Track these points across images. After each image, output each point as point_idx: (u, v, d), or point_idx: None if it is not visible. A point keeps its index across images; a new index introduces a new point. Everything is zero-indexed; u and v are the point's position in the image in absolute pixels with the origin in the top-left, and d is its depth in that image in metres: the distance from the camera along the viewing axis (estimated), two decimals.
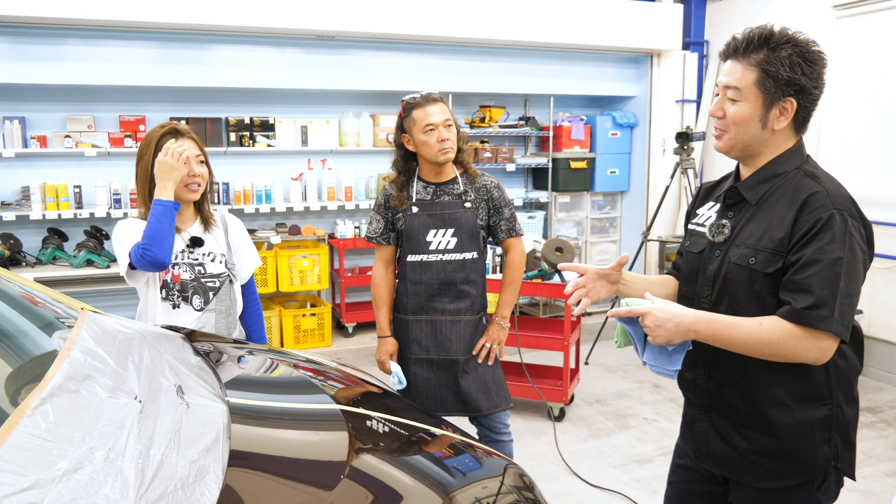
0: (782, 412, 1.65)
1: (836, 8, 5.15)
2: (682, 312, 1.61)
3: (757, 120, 1.63)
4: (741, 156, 1.72)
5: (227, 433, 1.46)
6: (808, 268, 1.53)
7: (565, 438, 4.06)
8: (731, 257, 1.68)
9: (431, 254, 2.76)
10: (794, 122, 1.65)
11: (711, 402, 1.79)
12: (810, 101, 1.62)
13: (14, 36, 4.77)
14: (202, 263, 2.44)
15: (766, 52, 1.60)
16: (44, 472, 1.10)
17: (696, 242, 1.82)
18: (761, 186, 1.68)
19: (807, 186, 1.61)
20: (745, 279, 1.65)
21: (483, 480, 1.74)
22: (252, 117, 5.59)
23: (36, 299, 2.03)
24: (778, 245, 1.59)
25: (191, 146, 2.37)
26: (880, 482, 3.56)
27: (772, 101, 1.61)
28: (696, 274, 1.79)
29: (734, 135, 1.67)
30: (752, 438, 1.71)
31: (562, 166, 6.45)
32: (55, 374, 1.39)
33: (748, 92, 1.62)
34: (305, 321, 5.66)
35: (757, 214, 1.67)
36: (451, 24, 5.49)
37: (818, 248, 1.53)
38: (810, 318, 1.51)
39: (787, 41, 1.59)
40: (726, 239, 1.71)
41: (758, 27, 1.64)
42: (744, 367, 1.68)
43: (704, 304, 1.75)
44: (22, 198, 5.17)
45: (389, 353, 2.86)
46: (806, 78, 1.58)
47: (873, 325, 5.02)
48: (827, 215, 1.55)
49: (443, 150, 2.67)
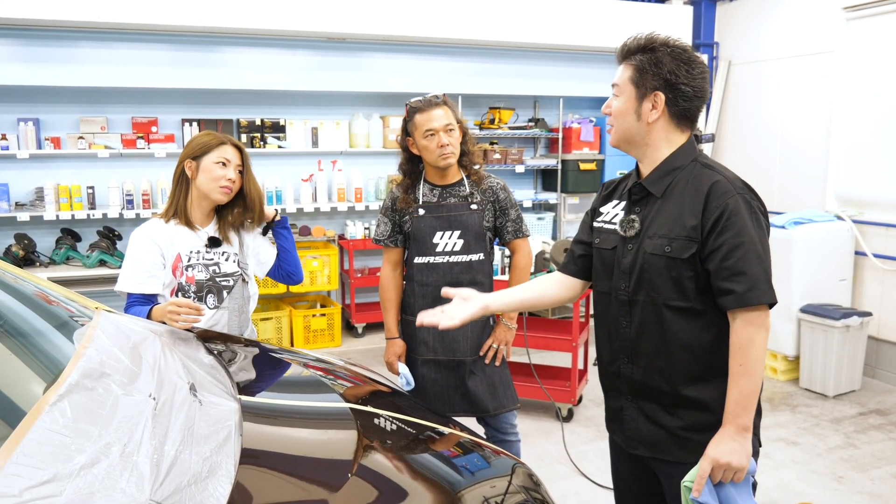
0: (706, 387, 1.76)
1: (847, 10, 5.13)
2: (720, 436, 1.70)
3: (632, 112, 1.79)
4: (628, 149, 1.86)
5: (239, 430, 1.49)
6: (734, 252, 1.66)
7: (573, 439, 4.07)
8: (647, 248, 1.78)
9: (438, 256, 2.78)
10: (674, 116, 1.78)
11: (638, 389, 1.86)
12: (682, 97, 1.75)
13: (29, 39, 4.83)
14: (217, 263, 2.48)
15: (642, 53, 1.77)
16: (62, 466, 1.13)
17: (606, 239, 1.91)
18: (663, 180, 1.80)
19: (707, 176, 1.75)
20: (662, 266, 1.75)
21: (491, 479, 1.76)
22: (263, 119, 5.63)
23: (51, 298, 2.06)
24: (691, 232, 1.72)
25: (234, 155, 2.46)
26: (889, 484, 3.55)
27: (643, 94, 1.76)
28: (611, 269, 1.88)
29: (616, 128, 1.84)
30: (682, 416, 1.80)
31: (571, 168, 6.45)
32: (72, 371, 1.42)
33: (624, 87, 1.80)
34: (315, 321, 5.69)
35: (664, 207, 1.79)
36: (460, 26, 5.51)
37: (736, 232, 1.67)
38: (754, 298, 1.65)
39: (661, 44, 1.76)
40: (637, 233, 1.81)
41: (643, 34, 1.80)
42: (667, 351, 1.78)
43: (623, 295, 1.84)
44: (36, 198, 5.23)
45: (397, 355, 2.88)
46: (673, 75, 1.72)
47: (882, 328, 5.00)
48: (733, 201, 1.69)
49: (443, 155, 2.68)
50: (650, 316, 1.79)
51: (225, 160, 2.42)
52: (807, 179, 5.54)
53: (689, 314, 1.74)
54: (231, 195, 2.47)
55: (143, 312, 2.28)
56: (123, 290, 2.39)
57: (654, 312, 1.78)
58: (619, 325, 1.86)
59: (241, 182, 2.48)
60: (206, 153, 2.42)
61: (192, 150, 2.43)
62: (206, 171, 2.41)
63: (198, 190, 2.44)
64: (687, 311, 1.74)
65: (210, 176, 2.41)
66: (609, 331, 1.91)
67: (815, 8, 5.40)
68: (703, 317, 1.74)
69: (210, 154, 2.41)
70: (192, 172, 2.43)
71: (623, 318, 1.85)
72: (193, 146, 2.44)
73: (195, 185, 2.44)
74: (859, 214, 5.12)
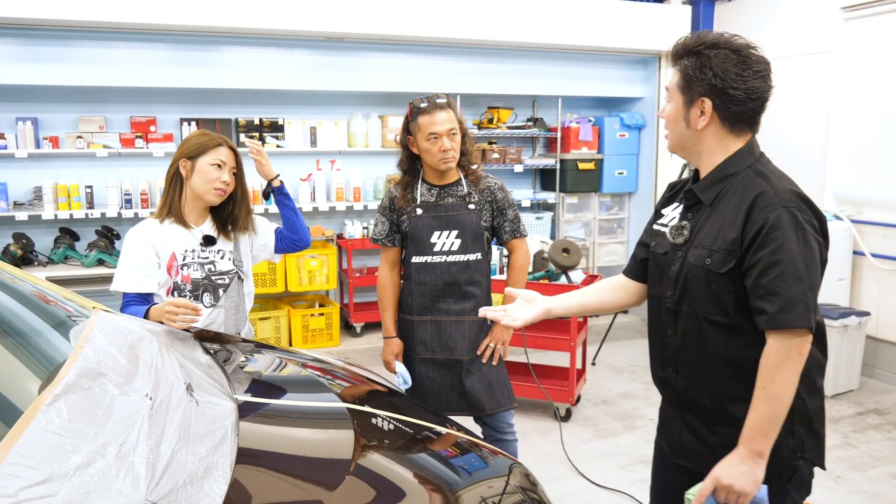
0: (746, 407, 1.66)
1: (845, 9, 5.13)
2: (731, 457, 1.63)
3: (681, 119, 1.73)
4: (684, 155, 1.80)
5: (236, 430, 1.49)
6: (770, 270, 1.57)
7: (571, 439, 4.07)
8: (690, 258, 1.72)
9: (436, 255, 2.78)
10: (727, 121, 1.69)
11: (681, 400, 1.83)
12: (733, 102, 1.66)
13: (27, 38, 4.83)
14: (213, 261, 2.48)
15: (689, 56, 1.69)
16: (58, 466, 1.13)
17: (660, 244, 1.86)
18: (714, 187, 1.73)
19: (755, 185, 1.65)
20: (702, 279, 1.69)
21: (488, 480, 1.76)
22: (261, 118, 5.63)
23: (48, 298, 2.06)
24: (730, 246, 1.64)
25: (230, 157, 2.46)
26: (887, 484, 3.55)
27: (690, 101, 1.70)
28: (662, 274, 1.83)
29: (670, 134, 1.78)
30: (721, 433, 1.75)
31: (569, 167, 6.45)
32: (68, 371, 1.42)
33: (673, 93, 1.74)
34: (314, 321, 5.69)
35: (712, 215, 1.72)
36: (459, 25, 5.50)
37: (774, 249, 1.58)
38: (785, 320, 1.56)
39: (710, 46, 1.67)
40: (686, 240, 1.76)
41: (694, 34, 1.73)
42: (707, 365, 1.72)
43: (669, 303, 1.80)
44: (34, 198, 5.22)
45: (395, 354, 2.88)
46: (720, 79, 1.64)
47: (881, 328, 5.01)
48: (775, 215, 1.59)
49: (444, 159, 2.69)
50: (692, 328, 1.73)
51: (220, 162, 2.42)
52: (805, 179, 5.48)
53: (730, 330, 1.68)
54: (224, 198, 2.47)
55: (139, 312, 2.28)
56: (119, 289, 2.39)
57: (695, 325, 1.72)
58: (666, 334, 1.82)
59: (235, 184, 2.49)
60: (201, 154, 2.42)
61: (188, 150, 2.43)
62: (201, 173, 2.41)
63: (192, 190, 2.44)
64: (728, 326, 1.67)
65: (205, 178, 2.41)
66: (658, 337, 1.87)
67: (814, 8, 5.40)
68: (745, 334, 1.66)
69: (206, 155, 2.41)
70: (187, 172, 2.43)
71: (669, 326, 1.80)
72: (189, 146, 2.44)
73: (189, 184, 2.44)
74: (857, 214, 5.12)
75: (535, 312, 1.93)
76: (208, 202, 2.46)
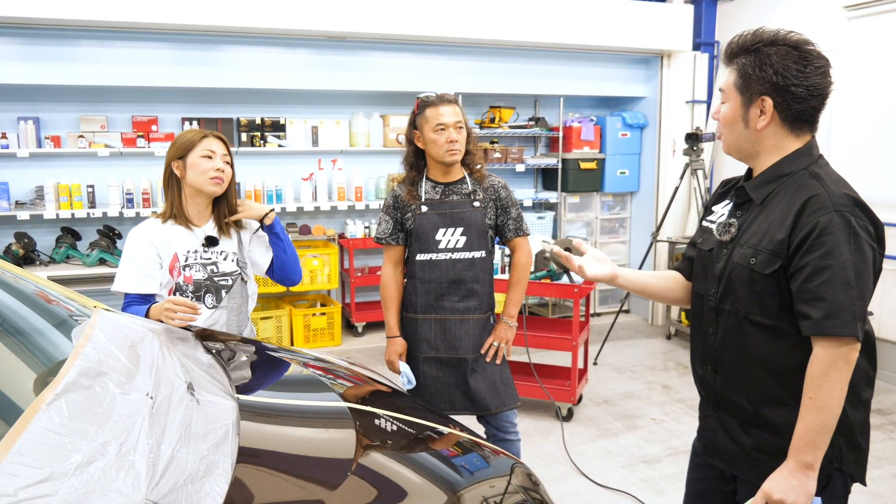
0: (783, 411, 1.65)
1: (848, 8, 5.12)
2: (780, 470, 1.61)
3: (739, 119, 1.67)
4: (740, 157, 1.75)
5: (237, 429, 1.48)
6: (818, 275, 1.53)
7: (573, 438, 4.06)
8: (735, 257, 1.69)
9: (441, 252, 2.78)
10: (787, 120, 1.64)
11: (719, 399, 1.80)
12: (795, 100, 1.61)
13: (28, 37, 4.83)
14: (215, 262, 2.48)
15: (746, 54, 1.64)
16: (58, 465, 1.12)
17: (707, 240, 1.83)
18: (766, 186, 1.69)
19: (809, 187, 1.61)
20: (746, 279, 1.66)
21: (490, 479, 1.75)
22: (263, 118, 5.63)
23: (50, 297, 2.06)
24: (777, 247, 1.60)
25: (219, 146, 2.46)
26: (889, 484, 3.55)
27: (749, 100, 1.64)
28: (707, 271, 1.81)
29: (726, 136, 1.73)
30: (756, 436, 1.72)
31: (571, 167, 6.45)
32: (69, 370, 1.41)
33: (729, 93, 1.68)
34: (315, 320, 5.69)
35: (761, 215, 1.68)
36: (460, 24, 5.50)
37: (824, 254, 1.53)
38: (829, 327, 1.52)
39: (768, 42, 1.62)
40: (732, 238, 1.72)
41: (749, 31, 1.67)
42: (747, 366, 1.70)
43: (711, 301, 1.77)
44: (36, 197, 5.23)
45: (398, 353, 2.87)
46: (781, 77, 1.59)
47: (883, 327, 5.00)
48: (826, 219, 1.55)
49: (450, 150, 2.69)
50: (733, 327, 1.71)
51: (210, 152, 2.42)
52: None
53: (772, 332, 1.64)
54: (224, 185, 2.46)
55: (140, 312, 2.27)
56: (120, 290, 2.39)
57: (736, 324, 1.70)
58: (707, 332, 1.80)
59: (231, 172, 2.48)
60: (190, 150, 2.42)
61: (177, 151, 2.44)
62: (194, 167, 2.41)
63: (189, 187, 2.44)
64: (770, 328, 1.64)
65: (198, 170, 2.41)
66: (699, 335, 1.85)
67: (816, 7, 5.39)
68: (787, 337, 1.63)
69: (194, 150, 2.42)
70: (181, 172, 2.44)
71: (710, 324, 1.78)
72: (177, 146, 2.45)
73: (186, 182, 2.44)
74: None
75: (606, 272, 1.96)
76: (209, 194, 2.45)
